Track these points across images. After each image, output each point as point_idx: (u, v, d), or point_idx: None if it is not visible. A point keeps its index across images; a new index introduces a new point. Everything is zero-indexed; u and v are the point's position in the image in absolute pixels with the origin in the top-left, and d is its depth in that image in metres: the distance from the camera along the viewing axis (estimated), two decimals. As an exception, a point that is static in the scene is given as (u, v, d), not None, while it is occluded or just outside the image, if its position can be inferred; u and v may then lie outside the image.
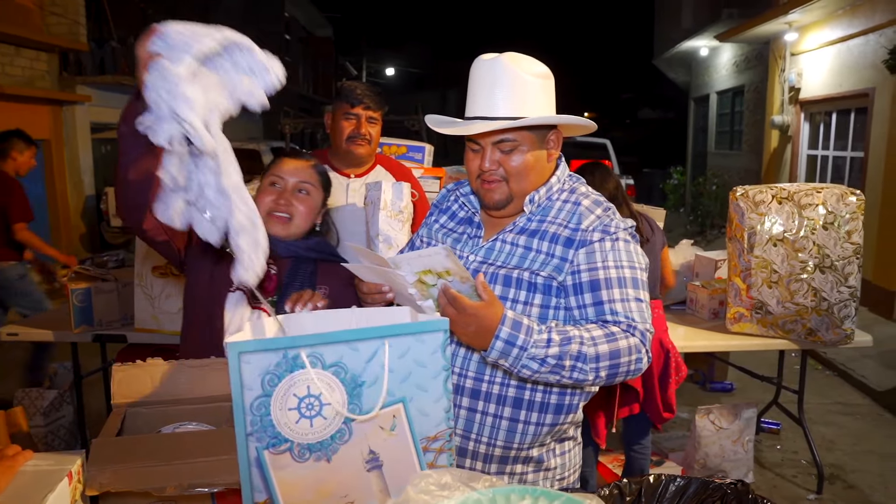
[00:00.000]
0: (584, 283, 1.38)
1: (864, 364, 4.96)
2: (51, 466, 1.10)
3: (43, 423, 3.23)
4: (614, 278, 1.37)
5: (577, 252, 1.40)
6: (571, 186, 1.52)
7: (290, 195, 1.70)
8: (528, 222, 1.47)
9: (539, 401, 1.44)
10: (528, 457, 1.48)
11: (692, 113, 14.81)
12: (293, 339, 1.01)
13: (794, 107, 8.91)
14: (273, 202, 1.68)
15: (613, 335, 1.30)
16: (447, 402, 1.09)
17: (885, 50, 6.25)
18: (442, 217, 1.64)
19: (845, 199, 2.78)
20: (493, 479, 1.01)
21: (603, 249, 1.39)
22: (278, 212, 1.68)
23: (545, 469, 1.50)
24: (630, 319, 1.34)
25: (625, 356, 1.29)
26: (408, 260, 1.19)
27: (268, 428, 1.01)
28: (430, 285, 1.22)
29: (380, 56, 29.07)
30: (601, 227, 1.42)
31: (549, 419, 1.45)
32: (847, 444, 3.83)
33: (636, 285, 1.38)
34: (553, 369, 1.26)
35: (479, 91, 1.42)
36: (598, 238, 1.40)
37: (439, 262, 1.17)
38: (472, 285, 1.21)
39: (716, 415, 3.11)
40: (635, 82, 28.48)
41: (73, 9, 9.22)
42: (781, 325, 2.89)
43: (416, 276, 1.21)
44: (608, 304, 1.35)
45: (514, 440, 1.45)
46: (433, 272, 1.19)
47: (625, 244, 1.41)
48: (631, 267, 1.39)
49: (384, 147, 3.47)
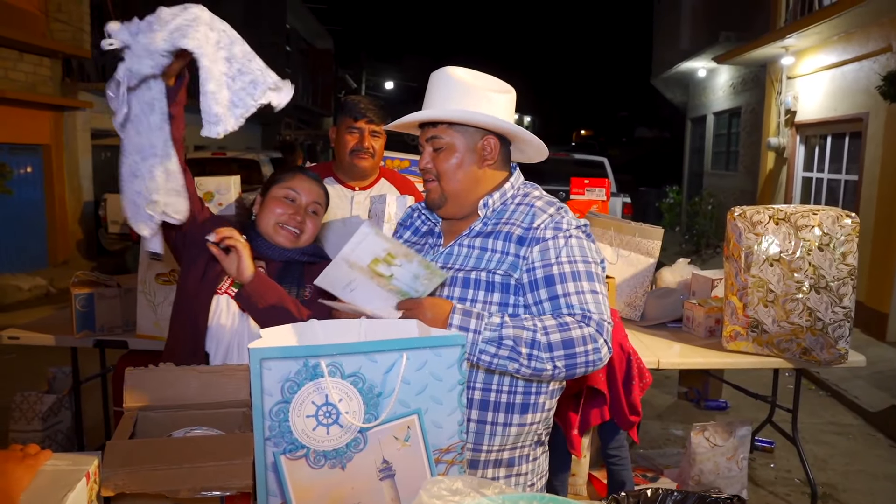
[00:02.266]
0: (539, 279, 1.43)
1: (857, 385, 5.00)
2: (69, 466, 1.12)
3: (41, 428, 3.23)
4: (568, 272, 1.41)
5: (531, 249, 1.45)
6: (525, 191, 1.58)
7: (304, 213, 1.75)
8: (484, 226, 1.53)
9: (504, 402, 1.48)
10: (499, 459, 1.51)
11: (689, 133, 14.95)
12: (314, 347, 1.04)
13: (790, 129, 9.03)
14: (288, 216, 1.73)
15: (567, 325, 1.34)
16: (461, 415, 1.12)
17: (878, 76, 6.36)
18: (406, 233, 1.71)
19: (840, 222, 2.84)
20: (503, 486, 1.04)
21: (556, 246, 1.44)
22: (290, 226, 1.73)
23: (516, 474, 1.54)
24: (585, 311, 1.37)
25: (580, 345, 1.32)
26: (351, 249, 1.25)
27: (285, 434, 1.04)
28: (387, 277, 1.28)
29: (379, 69, 29.25)
30: (553, 225, 1.47)
31: (516, 419, 1.48)
32: (839, 464, 3.87)
33: (590, 278, 1.42)
34: (510, 354, 1.30)
35: (426, 95, 1.53)
36: (550, 235, 1.45)
37: (373, 244, 1.23)
38: (419, 261, 1.27)
39: (711, 432, 3.14)
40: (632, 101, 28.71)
41: (78, 16, 9.28)
42: (777, 344, 2.93)
43: (369, 268, 1.27)
44: (563, 298, 1.39)
45: (482, 442, 1.48)
46: (380, 260, 1.25)
47: (577, 240, 1.46)
48: (585, 261, 1.44)
49: (387, 161, 3.51)
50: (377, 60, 29.57)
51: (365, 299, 1.35)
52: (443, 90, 1.49)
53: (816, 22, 7.09)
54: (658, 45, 15.37)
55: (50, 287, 8.08)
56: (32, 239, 9.10)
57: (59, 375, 3.59)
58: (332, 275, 1.32)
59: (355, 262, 1.27)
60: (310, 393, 1.04)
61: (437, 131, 1.49)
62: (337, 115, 2.54)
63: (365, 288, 1.31)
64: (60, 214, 9.43)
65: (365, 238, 1.23)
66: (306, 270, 1.77)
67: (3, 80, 8.17)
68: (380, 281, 1.29)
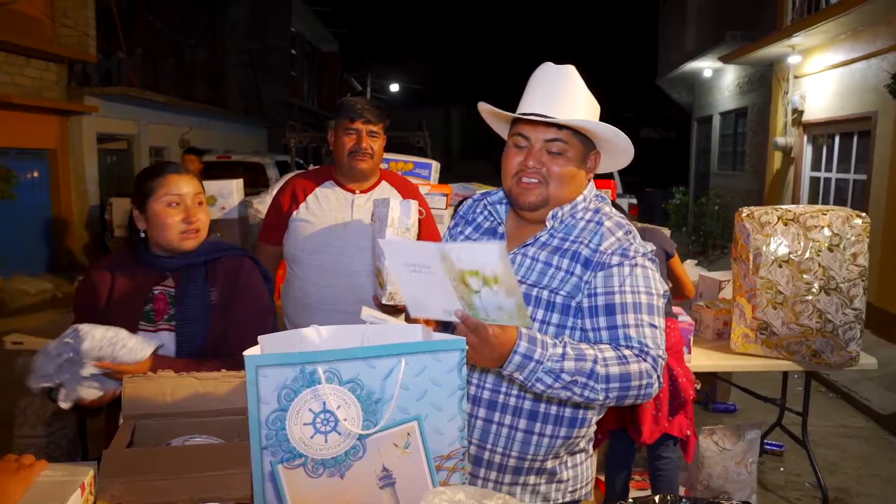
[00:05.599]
0: (600, 307, 1.39)
1: (867, 387, 4.94)
2: (64, 477, 1.11)
3: (44, 434, 3.22)
4: (630, 303, 1.37)
5: (595, 274, 1.41)
6: (596, 206, 1.53)
7: (193, 209, 1.71)
8: (551, 238, 1.48)
9: (554, 413, 1.45)
10: (542, 468, 1.49)
11: (695, 133, 14.88)
12: (311, 354, 1.01)
13: (797, 129, 8.96)
14: (183, 221, 1.68)
15: (626, 358, 1.31)
16: (461, 421, 1.09)
17: (887, 74, 6.30)
18: (467, 229, 1.64)
19: (850, 222, 2.80)
20: (506, 497, 1.01)
21: (621, 274, 1.40)
22: (191, 228, 1.69)
23: (558, 481, 1.52)
24: (643, 345, 1.34)
25: (636, 380, 1.30)
26: (458, 250, 1.11)
27: (283, 442, 1.01)
28: (472, 290, 1.13)
29: (384, 72, 29.28)
30: (620, 251, 1.42)
31: (563, 432, 1.46)
32: (851, 468, 3.81)
33: (651, 311, 1.38)
34: (566, 385, 1.27)
35: (541, 89, 1.45)
36: (616, 262, 1.41)
37: (490, 261, 1.08)
38: (517, 302, 1.12)
39: (719, 435, 3.10)
40: (638, 102, 28.62)
41: (84, 21, 9.32)
42: (786, 347, 2.89)
43: (461, 272, 1.12)
44: (622, 329, 1.36)
45: (528, 451, 1.46)
46: (480, 275, 1.11)
47: (643, 270, 1.41)
48: (648, 293, 1.40)
49: (391, 163, 3.48)
50: (382, 63, 29.60)
51: (421, 290, 1.20)
52: (570, 92, 1.45)
53: (823, 20, 7.03)
54: (663, 46, 15.31)
55: (56, 291, 8.10)
56: (38, 243, 9.13)
57: (63, 380, 3.58)
58: (407, 248, 1.21)
59: (452, 259, 1.10)
60: (307, 400, 1.01)
61: (561, 134, 1.43)
62: (335, 118, 2.49)
63: (433, 282, 1.16)
64: (66, 219, 9.47)
65: (488, 253, 1.08)
66: (209, 271, 1.74)
67: (9, 85, 8.21)
68: (459, 288, 1.14)
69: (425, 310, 1.22)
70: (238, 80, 17.15)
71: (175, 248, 1.69)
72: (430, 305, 1.20)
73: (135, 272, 1.72)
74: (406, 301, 1.25)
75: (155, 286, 1.73)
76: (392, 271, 1.22)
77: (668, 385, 2.66)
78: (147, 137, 11.86)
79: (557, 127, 1.43)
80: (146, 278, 1.71)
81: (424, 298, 1.20)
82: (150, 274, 1.72)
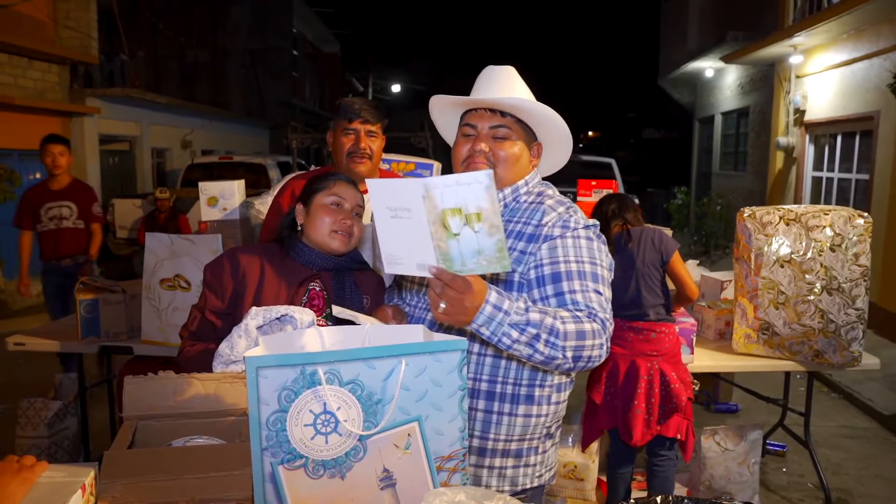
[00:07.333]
0: (547, 276, 1.45)
1: (870, 387, 4.93)
2: (65, 478, 1.11)
3: (47, 434, 3.22)
4: (574, 271, 1.44)
5: (540, 246, 1.48)
6: (539, 190, 1.61)
7: (351, 217, 1.79)
8: None
9: (510, 393, 1.51)
10: (507, 450, 1.53)
11: (697, 133, 14.86)
12: (311, 355, 1.01)
13: (799, 129, 8.95)
14: (339, 221, 1.75)
15: (579, 317, 1.36)
16: (462, 421, 1.09)
17: (889, 74, 6.29)
18: None
19: (853, 222, 2.79)
20: (507, 497, 1.01)
21: (564, 245, 1.47)
22: (342, 230, 1.75)
23: (525, 465, 1.56)
24: (590, 308, 1.40)
25: (589, 339, 1.35)
26: (442, 185, 1.07)
27: (283, 443, 1.01)
28: (452, 233, 1.10)
29: (386, 73, 29.30)
30: (561, 223, 1.50)
31: (522, 410, 1.51)
32: (854, 468, 3.80)
33: (595, 279, 1.45)
34: (530, 341, 1.30)
35: (484, 80, 1.58)
36: (558, 233, 1.48)
37: (476, 193, 1.06)
38: (498, 240, 1.09)
39: (721, 436, 3.10)
40: (640, 102, 28.62)
41: (86, 22, 9.34)
42: (788, 347, 2.88)
43: (442, 212, 1.09)
44: (569, 295, 1.42)
45: (489, 431, 1.51)
46: (462, 213, 1.07)
47: (587, 241, 1.49)
48: (592, 262, 1.47)
49: (392, 164, 3.49)
50: (384, 64, 29.64)
51: (399, 239, 1.17)
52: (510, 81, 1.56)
53: (825, 20, 7.02)
54: (665, 46, 15.29)
55: (58, 293, 8.09)
56: (41, 244, 9.13)
57: (65, 381, 3.59)
58: (394, 189, 1.15)
59: (434, 197, 1.07)
60: (308, 401, 1.01)
61: (505, 121, 1.54)
62: (334, 119, 2.48)
63: (411, 228, 1.12)
64: (69, 220, 9.46)
65: (474, 182, 1.04)
66: (357, 278, 1.80)
67: (12, 86, 8.23)
68: (437, 232, 1.10)
69: (400, 264, 1.21)
70: (240, 82, 17.19)
71: (324, 244, 1.74)
72: (405, 260, 1.19)
73: (286, 265, 1.75)
74: (382, 255, 1.24)
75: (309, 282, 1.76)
76: (375, 217, 1.21)
77: (660, 389, 2.65)
78: (149, 139, 11.89)
79: (501, 114, 1.53)
80: (298, 273, 1.74)
81: (400, 251, 1.19)
82: (301, 270, 1.75)
